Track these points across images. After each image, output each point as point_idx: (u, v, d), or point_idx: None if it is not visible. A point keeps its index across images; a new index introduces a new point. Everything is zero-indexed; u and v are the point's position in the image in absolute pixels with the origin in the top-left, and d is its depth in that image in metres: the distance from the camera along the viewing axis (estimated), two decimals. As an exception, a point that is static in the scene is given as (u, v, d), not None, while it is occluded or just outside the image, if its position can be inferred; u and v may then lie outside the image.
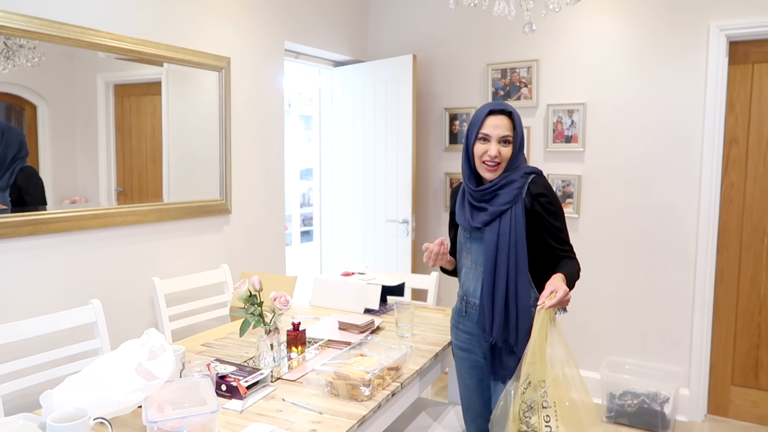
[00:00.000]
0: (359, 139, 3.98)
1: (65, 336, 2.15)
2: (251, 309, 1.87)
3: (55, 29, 2.16)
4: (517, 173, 1.85)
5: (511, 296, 1.81)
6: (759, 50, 3.07)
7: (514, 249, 1.80)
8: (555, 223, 1.85)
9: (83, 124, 2.34)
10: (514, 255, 1.80)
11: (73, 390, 1.42)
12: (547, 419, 1.63)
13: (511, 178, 1.84)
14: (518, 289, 1.81)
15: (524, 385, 1.65)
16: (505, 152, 1.84)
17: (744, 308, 3.21)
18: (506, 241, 1.80)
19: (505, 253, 1.80)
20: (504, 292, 1.81)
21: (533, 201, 1.83)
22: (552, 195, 1.86)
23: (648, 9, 3.23)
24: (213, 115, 2.89)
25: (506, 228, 1.80)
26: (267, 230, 3.30)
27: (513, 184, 1.83)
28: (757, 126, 3.11)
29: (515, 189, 1.82)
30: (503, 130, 1.84)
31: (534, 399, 1.65)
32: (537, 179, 1.86)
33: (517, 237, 1.80)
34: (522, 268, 1.81)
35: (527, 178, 1.84)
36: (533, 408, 1.65)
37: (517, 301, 1.81)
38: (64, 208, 2.27)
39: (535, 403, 1.65)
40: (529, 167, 1.88)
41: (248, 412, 1.59)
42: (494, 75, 3.66)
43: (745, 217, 3.17)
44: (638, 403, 3.19)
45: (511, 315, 1.81)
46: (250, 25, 3.10)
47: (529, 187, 1.83)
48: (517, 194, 1.82)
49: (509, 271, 1.80)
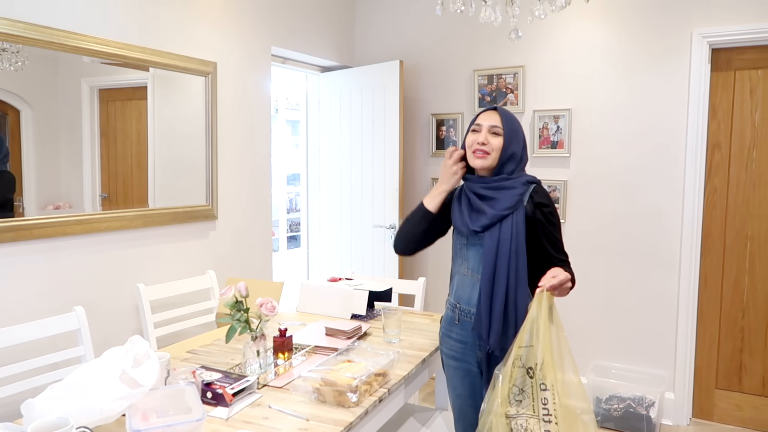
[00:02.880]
0: (346, 145, 3.98)
1: (48, 343, 2.12)
2: (237, 315, 1.85)
3: (38, 33, 2.14)
4: (518, 180, 1.86)
5: (510, 303, 1.79)
6: (740, 57, 3.12)
7: (514, 256, 1.80)
8: (555, 233, 1.87)
9: (67, 128, 2.32)
10: (515, 262, 1.80)
11: (55, 398, 1.40)
12: (545, 402, 1.60)
13: (512, 183, 1.85)
14: (517, 296, 1.79)
15: (513, 368, 1.62)
16: (495, 142, 1.86)
17: (727, 312, 3.24)
18: (507, 248, 1.79)
19: (506, 259, 1.79)
20: (503, 298, 1.79)
21: (535, 209, 1.84)
22: (553, 205, 1.88)
23: (632, 16, 3.27)
24: (199, 120, 2.88)
25: (507, 234, 1.80)
26: (253, 236, 3.28)
27: (514, 190, 1.84)
28: (739, 132, 3.15)
29: (516, 195, 1.83)
30: (492, 120, 1.88)
31: (525, 382, 1.62)
32: (539, 188, 1.88)
33: (518, 244, 1.80)
34: (522, 275, 1.80)
35: (529, 186, 1.86)
36: (525, 391, 1.62)
37: (516, 309, 1.79)
38: (47, 213, 2.24)
39: (527, 386, 1.62)
40: (530, 176, 1.90)
41: (234, 420, 1.58)
42: (481, 81, 3.69)
43: (728, 222, 3.21)
44: (624, 408, 3.21)
45: (509, 322, 1.79)
46: (237, 30, 3.09)
47: (532, 195, 1.85)
48: (519, 201, 1.82)
49: (509, 277, 1.79)
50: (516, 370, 1.64)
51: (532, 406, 1.61)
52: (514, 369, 1.64)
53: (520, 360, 1.63)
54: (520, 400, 1.63)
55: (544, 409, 1.60)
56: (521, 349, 1.64)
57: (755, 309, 3.17)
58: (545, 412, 1.60)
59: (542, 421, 1.60)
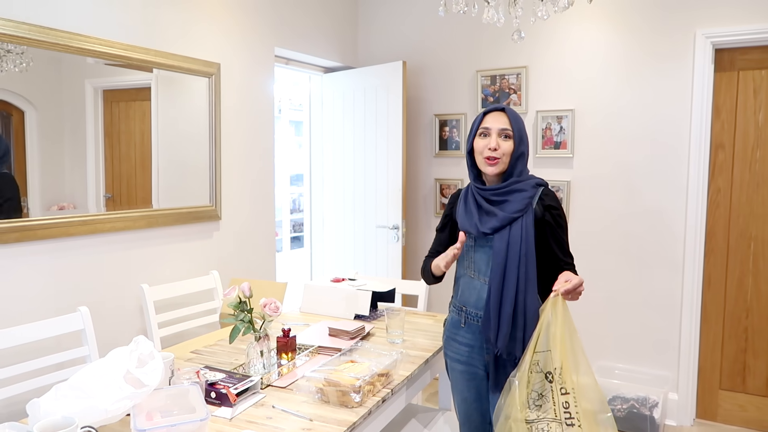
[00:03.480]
0: (349, 145, 3.98)
1: (52, 344, 2.13)
2: (241, 316, 1.86)
3: (43, 34, 2.15)
4: (528, 183, 1.85)
5: (520, 306, 1.78)
6: (744, 57, 3.12)
7: (524, 258, 1.78)
8: (562, 236, 1.87)
9: (71, 129, 2.33)
10: (524, 264, 1.78)
11: (60, 398, 1.41)
12: (566, 405, 1.59)
13: (522, 186, 1.83)
14: (527, 299, 1.78)
15: (530, 373, 1.62)
16: (506, 146, 1.84)
17: (731, 312, 3.24)
18: (516, 250, 1.78)
19: (516, 262, 1.78)
20: (512, 301, 1.77)
21: (545, 212, 1.83)
22: (561, 208, 1.88)
23: (635, 16, 3.26)
24: (203, 121, 2.89)
25: (517, 237, 1.79)
26: (257, 236, 3.29)
27: (524, 192, 1.82)
28: (743, 132, 3.15)
29: (526, 198, 1.82)
30: (501, 123, 1.85)
31: (545, 387, 1.61)
32: (548, 191, 1.87)
33: (527, 246, 1.79)
34: (531, 277, 1.79)
35: (538, 189, 1.85)
36: (544, 396, 1.61)
37: (525, 312, 1.78)
38: (51, 214, 2.25)
39: (546, 390, 1.61)
40: (538, 178, 1.89)
41: (238, 420, 1.58)
42: (484, 81, 3.69)
43: (731, 222, 3.21)
44: (628, 408, 3.21)
45: (518, 325, 1.78)
46: (240, 31, 3.10)
47: (541, 197, 1.84)
48: (528, 204, 1.81)
49: (519, 280, 1.78)
50: (534, 375, 1.63)
51: (554, 410, 1.61)
52: (532, 374, 1.63)
53: (538, 365, 1.63)
54: (540, 405, 1.62)
55: (566, 412, 1.60)
56: (538, 354, 1.63)
57: (759, 309, 3.16)
58: (567, 415, 1.59)
59: (564, 425, 1.59)
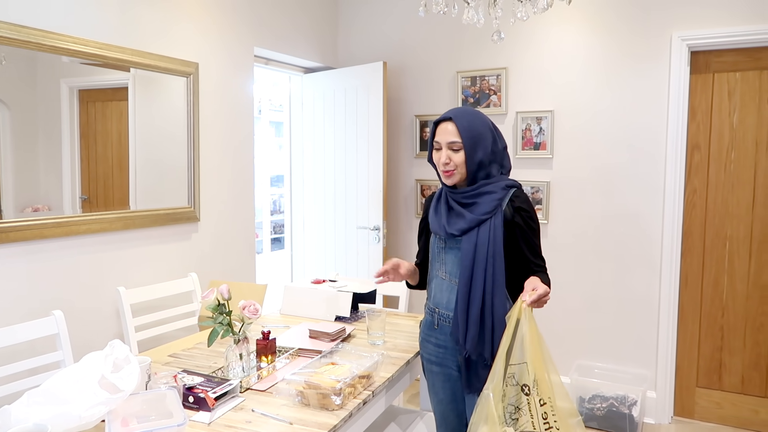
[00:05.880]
0: (330, 146, 3.97)
1: (26, 348, 2.08)
2: (220, 318, 1.84)
3: (15, 32, 2.10)
4: (498, 185, 1.83)
5: (487, 308, 1.78)
6: (718, 60, 3.17)
7: (492, 260, 1.78)
8: (533, 238, 1.85)
9: (46, 129, 2.28)
10: (492, 266, 1.78)
11: (32, 405, 1.38)
12: (545, 416, 1.59)
13: (492, 188, 1.82)
14: (494, 301, 1.77)
15: (506, 386, 1.61)
16: (456, 158, 1.82)
17: (707, 311, 3.29)
18: (484, 252, 1.78)
19: (483, 263, 1.77)
20: (480, 303, 1.77)
21: (515, 213, 1.82)
22: (533, 211, 1.86)
23: (613, 18, 3.30)
24: (181, 121, 2.85)
25: (485, 238, 1.78)
26: (236, 238, 3.26)
27: (493, 194, 1.81)
28: (718, 133, 3.20)
29: (495, 200, 1.80)
30: (449, 135, 1.83)
31: (521, 399, 1.61)
32: (519, 193, 1.86)
33: (495, 248, 1.78)
34: (499, 279, 1.78)
35: (509, 191, 1.84)
36: (521, 408, 1.61)
37: (493, 314, 1.77)
38: (25, 216, 2.20)
39: (523, 403, 1.60)
40: (509, 180, 1.87)
41: (217, 424, 1.56)
42: (464, 82, 3.70)
43: (707, 222, 3.26)
44: (607, 407, 3.24)
45: (486, 327, 1.78)
46: (219, 30, 3.07)
47: (512, 199, 1.83)
48: (497, 205, 1.80)
49: (486, 282, 1.77)
50: (510, 389, 1.62)
51: (531, 422, 1.60)
52: (507, 387, 1.62)
53: (513, 378, 1.62)
54: (517, 419, 1.61)
55: (545, 423, 1.59)
56: (513, 367, 1.62)
57: (734, 308, 3.22)
58: (547, 426, 1.59)
59: None
